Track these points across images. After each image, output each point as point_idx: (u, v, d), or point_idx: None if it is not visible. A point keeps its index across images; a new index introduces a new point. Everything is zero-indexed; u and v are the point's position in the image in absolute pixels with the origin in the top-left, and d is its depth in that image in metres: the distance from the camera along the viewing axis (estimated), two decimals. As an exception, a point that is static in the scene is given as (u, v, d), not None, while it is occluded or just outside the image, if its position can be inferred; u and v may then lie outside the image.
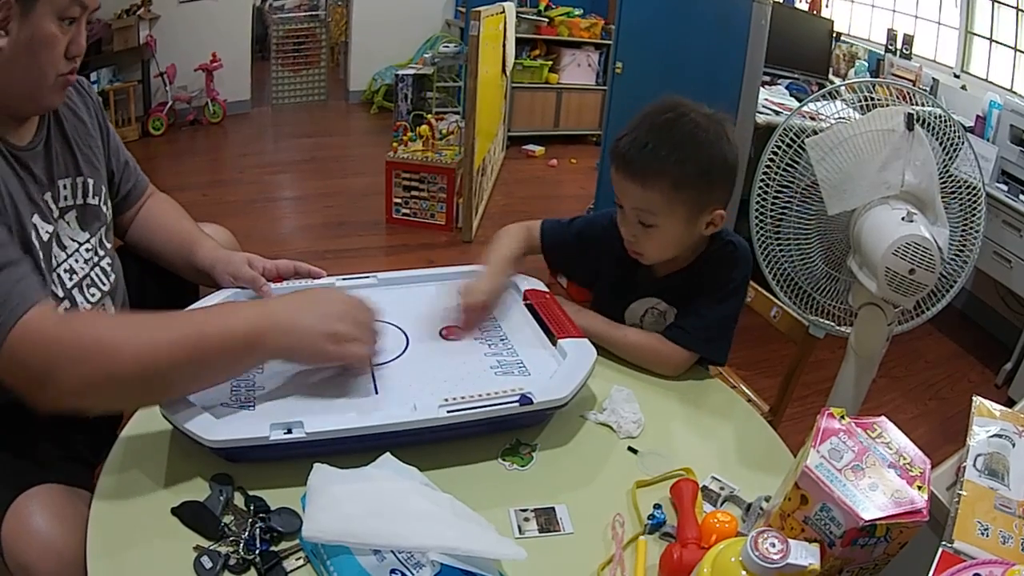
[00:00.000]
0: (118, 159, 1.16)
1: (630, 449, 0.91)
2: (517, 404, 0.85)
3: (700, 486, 0.82)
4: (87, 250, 1.03)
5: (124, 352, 0.75)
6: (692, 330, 1.08)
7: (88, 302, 1.02)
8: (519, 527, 0.77)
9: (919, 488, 0.66)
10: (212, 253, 1.14)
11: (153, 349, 0.76)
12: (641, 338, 1.11)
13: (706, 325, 1.08)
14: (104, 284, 1.06)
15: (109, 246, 1.10)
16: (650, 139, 1.00)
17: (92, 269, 1.04)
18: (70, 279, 0.99)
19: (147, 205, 1.23)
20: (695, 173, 0.99)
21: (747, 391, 1.51)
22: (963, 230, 1.73)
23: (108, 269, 1.08)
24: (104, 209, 1.08)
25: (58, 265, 0.97)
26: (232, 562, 0.69)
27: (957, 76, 3.14)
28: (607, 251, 1.16)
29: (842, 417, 0.72)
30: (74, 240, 1.01)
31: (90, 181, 1.05)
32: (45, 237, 0.94)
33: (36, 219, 0.92)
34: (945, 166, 1.66)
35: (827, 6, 3.83)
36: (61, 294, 0.97)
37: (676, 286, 1.13)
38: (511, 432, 0.91)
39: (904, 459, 0.69)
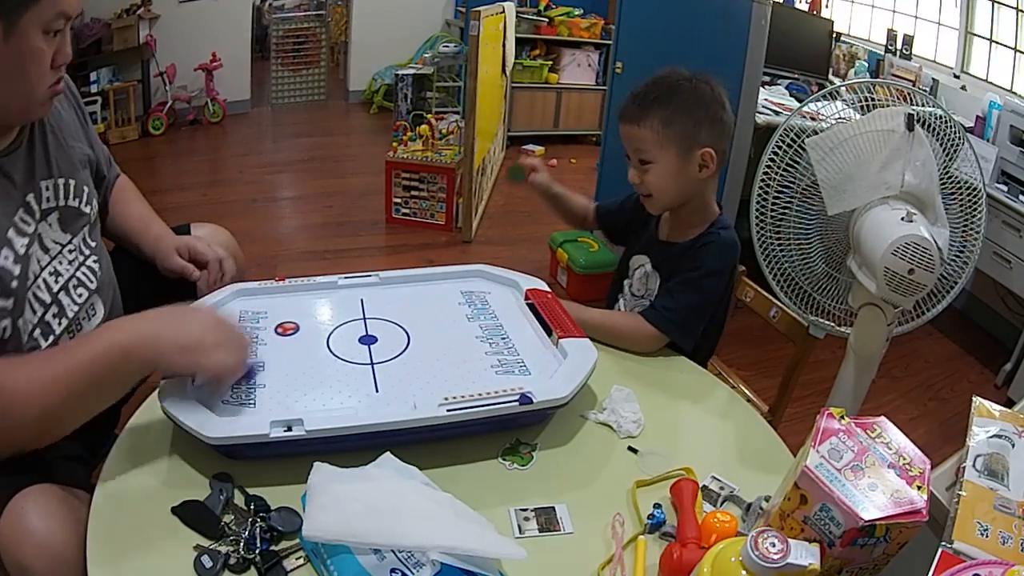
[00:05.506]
0: (99, 146, 1.17)
1: (630, 449, 0.91)
2: (517, 403, 0.85)
3: (700, 486, 0.83)
4: (70, 251, 1.03)
5: (22, 393, 0.74)
6: (661, 309, 1.15)
7: (75, 303, 1.02)
8: (519, 527, 0.77)
9: (919, 488, 0.66)
10: (153, 245, 1.19)
11: (52, 383, 0.75)
12: (622, 319, 1.20)
13: (675, 307, 1.15)
14: (91, 282, 1.06)
15: (94, 244, 1.09)
16: (646, 89, 1.18)
17: (78, 269, 1.04)
18: (56, 282, 0.98)
19: (115, 190, 1.25)
20: (682, 112, 1.14)
21: (747, 391, 1.51)
22: (963, 231, 1.73)
23: (95, 267, 1.08)
24: (86, 209, 1.06)
25: (42, 270, 0.96)
26: (232, 561, 0.69)
27: (957, 76, 3.13)
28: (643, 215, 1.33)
29: (842, 417, 0.72)
30: (56, 243, 1.00)
31: (71, 182, 1.03)
32: (21, 250, 0.91)
33: (11, 234, 0.90)
34: (945, 167, 1.66)
35: (827, 6, 3.82)
36: (48, 299, 0.96)
37: (669, 256, 1.24)
38: (511, 431, 0.92)
39: (904, 459, 0.69)
